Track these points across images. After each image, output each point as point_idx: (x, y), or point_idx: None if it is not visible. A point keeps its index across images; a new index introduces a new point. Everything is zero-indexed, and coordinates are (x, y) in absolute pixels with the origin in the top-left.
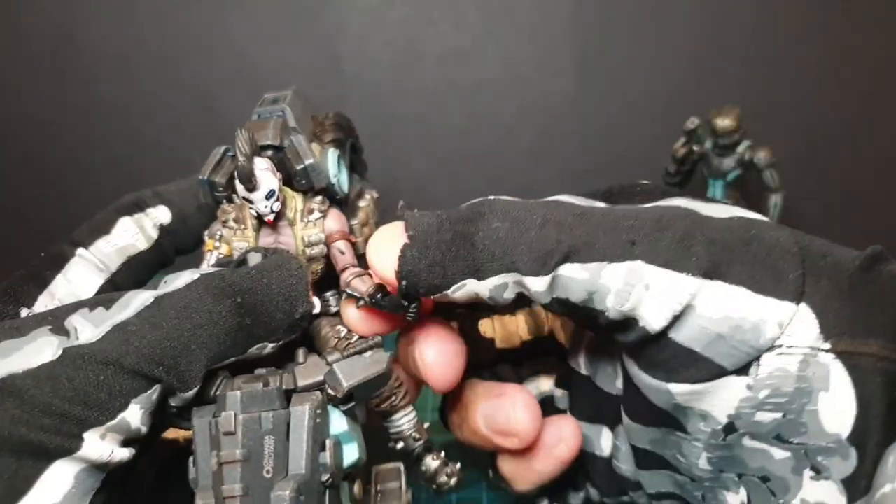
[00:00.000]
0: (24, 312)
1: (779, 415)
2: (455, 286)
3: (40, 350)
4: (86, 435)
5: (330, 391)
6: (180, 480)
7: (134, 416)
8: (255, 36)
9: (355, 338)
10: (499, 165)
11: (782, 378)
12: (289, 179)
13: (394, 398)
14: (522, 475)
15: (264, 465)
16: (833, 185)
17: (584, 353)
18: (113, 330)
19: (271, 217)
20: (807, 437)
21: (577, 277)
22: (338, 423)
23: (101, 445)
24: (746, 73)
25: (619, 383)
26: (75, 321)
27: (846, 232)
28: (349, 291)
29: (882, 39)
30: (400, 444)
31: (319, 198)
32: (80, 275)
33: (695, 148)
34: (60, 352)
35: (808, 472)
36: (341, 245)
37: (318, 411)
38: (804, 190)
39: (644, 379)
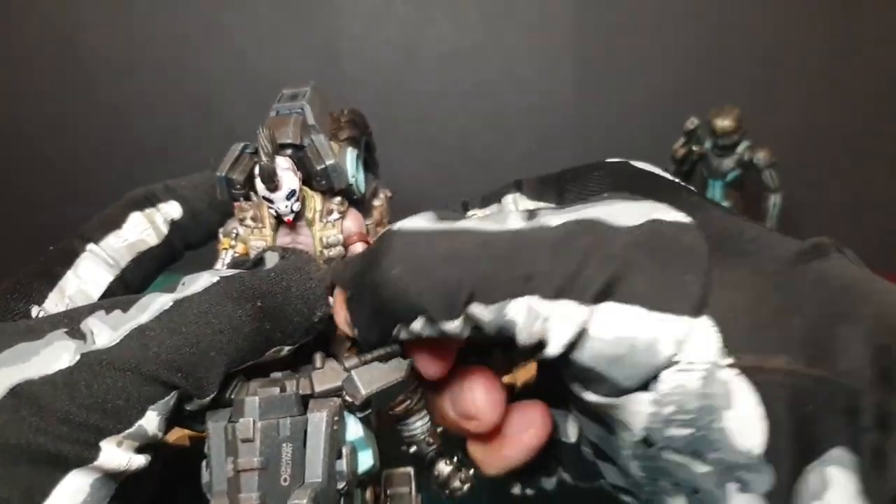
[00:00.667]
0: (34, 310)
1: (689, 430)
2: (395, 332)
3: (58, 355)
4: (103, 444)
5: (347, 398)
6: (187, 479)
7: (151, 422)
8: (255, 36)
9: None
10: (499, 165)
11: (684, 395)
12: (308, 179)
13: (409, 402)
14: (491, 460)
15: (281, 472)
16: (833, 185)
17: None
18: (131, 334)
19: (291, 217)
20: (721, 454)
21: (484, 318)
22: (354, 429)
23: (117, 454)
24: (746, 73)
25: None
26: (92, 324)
27: (846, 232)
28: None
29: (882, 39)
30: (413, 449)
31: (338, 199)
32: (90, 271)
33: (694, 148)
34: (78, 357)
35: (732, 485)
36: (359, 248)
37: (336, 418)
38: (804, 190)
39: (569, 382)
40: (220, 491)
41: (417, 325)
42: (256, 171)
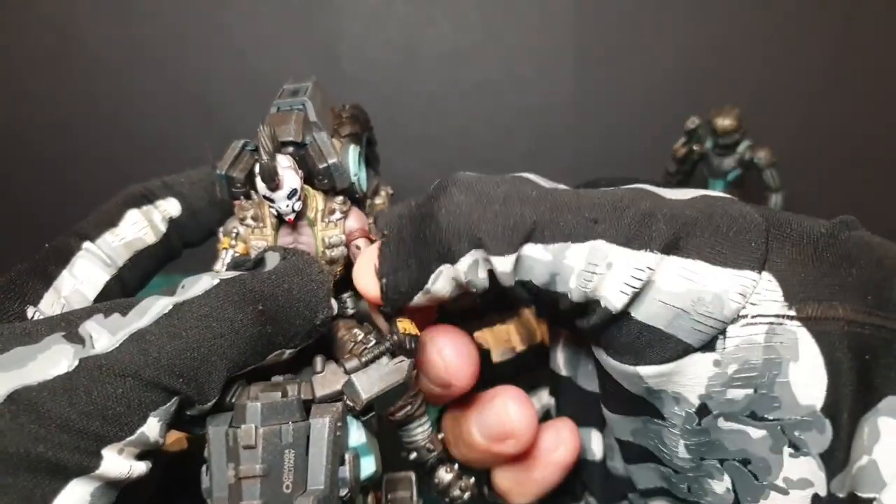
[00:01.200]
0: (30, 310)
1: (750, 390)
2: (432, 276)
3: (56, 360)
4: (104, 452)
5: (348, 402)
6: (187, 485)
7: (152, 429)
8: (255, 36)
9: (372, 342)
10: (499, 166)
11: (749, 350)
12: (309, 177)
13: (409, 407)
14: (521, 487)
15: (283, 479)
16: (833, 185)
17: (562, 352)
18: (130, 339)
19: (292, 216)
20: (781, 412)
21: (540, 259)
22: (356, 434)
23: (119, 462)
24: (746, 73)
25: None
26: (90, 328)
27: None
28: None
29: (882, 39)
30: (413, 455)
31: (341, 198)
32: (87, 270)
33: (695, 148)
34: (77, 362)
35: (787, 450)
36: (361, 243)
37: (339, 423)
38: (804, 190)
39: (614, 365)
40: (221, 498)
41: (466, 261)
42: (257, 169)
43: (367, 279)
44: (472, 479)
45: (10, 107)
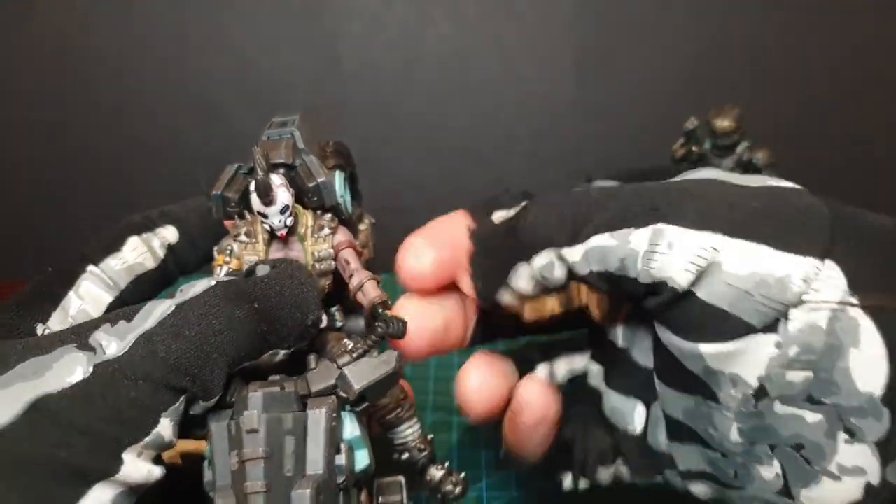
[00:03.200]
0: (39, 328)
1: (809, 373)
2: (512, 276)
3: (71, 368)
4: (125, 455)
5: (342, 394)
6: (184, 496)
7: (165, 430)
8: (255, 36)
9: (360, 342)
10: (499, 165)
11: (812, 334)
12: (299, 196)
13: (399, 410)
14: (518, 446)
15: (285, 463)
16: (833, 185)
17: (622, 325)
18: (138, 342)
19: (284, 231)
20: (839, 398)
21: (607, 245)
22: (350, 428)
23: (139, 465)
24: (746, 73)
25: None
26: (100, 337)
27: None
28: (360, 298)
29: (882, 39)
30: (405, 455)
31: (329, 215)
32: (91, 291)
33: (694, 148)
34: (91, 369)
35: (842, 435)
36: (348, 254)
37: (334, 414)
38: None
39: (675, 342)
40: (224, 486)
41: (540, 260)
42: (252, 187)
43: (466, 284)
44: (463, 475)
45: (10, 107)
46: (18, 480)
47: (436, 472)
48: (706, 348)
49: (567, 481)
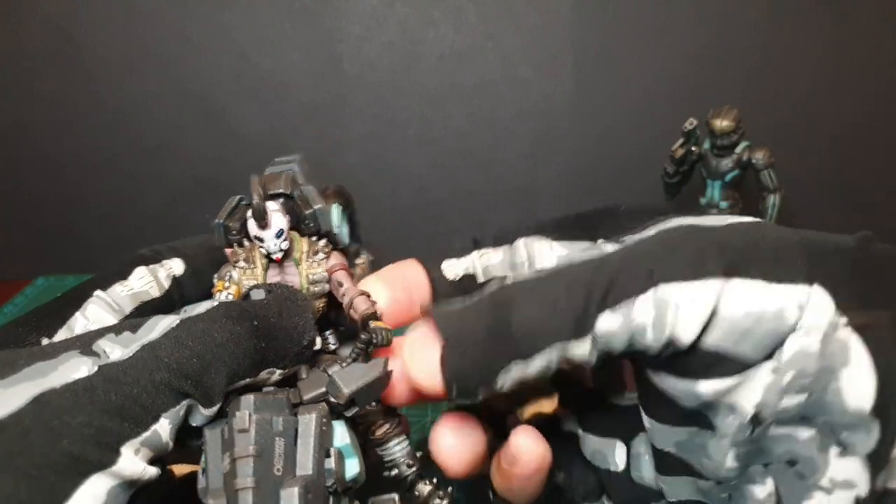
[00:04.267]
0: (44, 342)
1: (803, 396)
2: (501, 376)
3: (76, 368)
4: (122, 449)
5: (332, 399)
6: None
7: (164, 430)
8: (255, 36)
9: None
10: (498, 166)
11: (805, 358)
12: (296, 225)
13: (388, 426)
14: (511, 494)
15: (275, 463)
16: (831, 185)
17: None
18: (142, 349)
19: (279, 255)
20: (831, 416)
21: (612, 326)
22: (340, 435)
23: (134, 462)
24: (746, 73)
25: (628, 395)
26: (104, 344)
27: (845, 232)
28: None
29: (882, 40)
30: (394, 472)
31: (323, 241)
32: (97, 314)
33: (693, 149)
34: (96, 368)
35: (834, 449)
36: (340, 275)
37: (324, 420)
38: (802, 190)
39: (671, 383)
40: (216, 488)
41: (539, 361)
42: (249, 213)
43: (426, 375)
44: (450, 489)
45: (12, 107)
46: (17, 469)
47: (423, 488)
48: (705, 386)
49: None
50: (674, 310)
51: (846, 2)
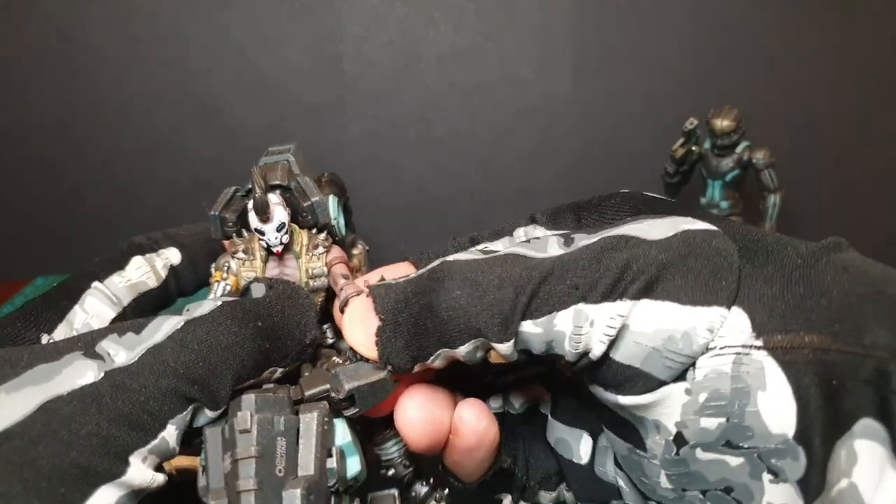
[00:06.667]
0: (44, 337)
1: (722, 419)
2: (432, 357)
3: (81, 372)
4: (131, 458)
5: (333, 394)
6: None
7: (171, 436)
8: (256, 36)
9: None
10: (498, 166)
11: (718, 379)
12: (295, 215)
13: (386, 427)
14: (457, 467)
15: (276, 463)
16: (832, 185)
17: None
18: (147, 353)
19: (280, 248)
20: (755, 441)
21: (533, 333)
22: (342, 434)
23: (143, 471)
24: (746, 73)
25: None
26: (107, 346)
27: (844, 232)
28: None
29: (882, 40)
30: (391, 471)
31: (323, 235)
32: (95, 306)
33: (693, 148)
34: (102, 374)
35: (766, 476)
36: (339, 269)
37: (325, 419)
38: (803, 190)
39: (600, 393)
40: (217, 488)
41: (465, 348)
42: (250, 206)
43: (364, 349)
44: (447, 491)
45: (12, 107)
46: (27, 480)
47: (420, 488)
48: (625, 400)
49: (507, 502)
50: (588, 325)
51: (846, 2)
